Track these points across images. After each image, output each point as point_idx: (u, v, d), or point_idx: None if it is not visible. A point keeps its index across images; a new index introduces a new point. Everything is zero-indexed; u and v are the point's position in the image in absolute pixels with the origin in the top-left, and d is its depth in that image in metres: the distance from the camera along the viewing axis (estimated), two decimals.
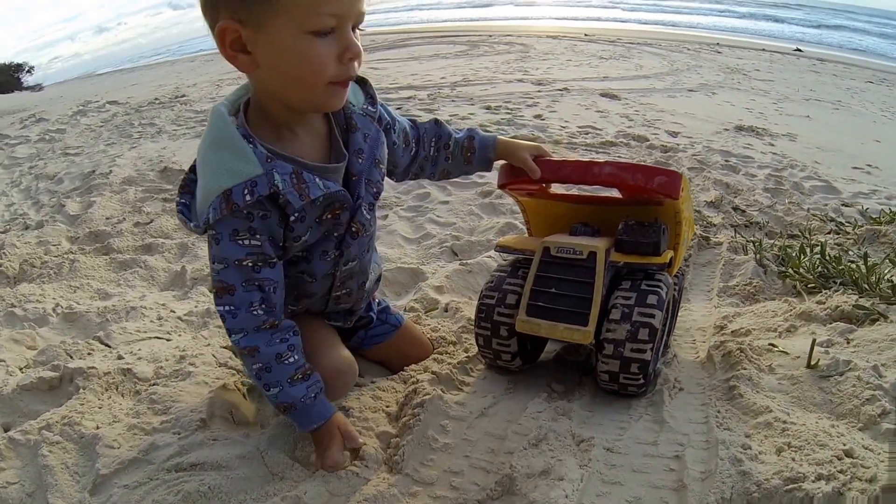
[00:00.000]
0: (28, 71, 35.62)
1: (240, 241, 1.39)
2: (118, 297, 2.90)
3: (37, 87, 25.87)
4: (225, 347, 2.32)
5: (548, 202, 2.09)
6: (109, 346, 2.36)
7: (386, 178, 1.70)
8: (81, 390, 1.95)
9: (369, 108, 1.61)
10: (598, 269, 1.68)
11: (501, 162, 1.97)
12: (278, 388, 1.52)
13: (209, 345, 2.35)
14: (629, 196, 1.92)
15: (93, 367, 2.05)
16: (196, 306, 2.75)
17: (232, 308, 1.44)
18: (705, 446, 1.55)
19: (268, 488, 1.52)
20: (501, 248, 1.95)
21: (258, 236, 1.40)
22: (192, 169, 1.49)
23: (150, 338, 2.45)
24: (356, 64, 1.39)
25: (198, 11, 1.34)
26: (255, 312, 1.46)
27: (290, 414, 1.58)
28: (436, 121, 1.91)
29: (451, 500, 1.47)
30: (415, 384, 1.88)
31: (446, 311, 2.53)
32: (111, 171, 5.32)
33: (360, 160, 1.55)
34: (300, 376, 1.54)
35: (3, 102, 14.54)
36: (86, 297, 2.94)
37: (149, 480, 1.54)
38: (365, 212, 1.57)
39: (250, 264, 1.42)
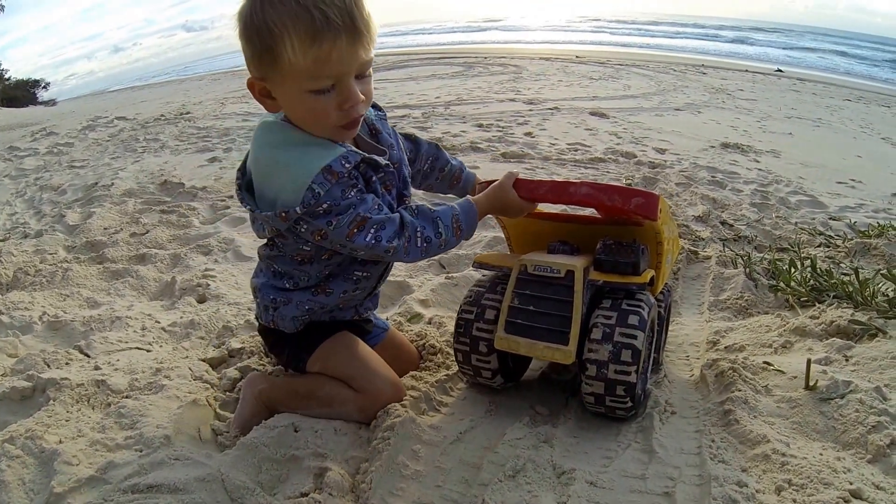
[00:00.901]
0: (44, 87, 35.62)
1: (348, 194, 1.50)
2: (106, 305, 2.76)
3: (51, 102, 25.79)
4: (203, 360, 2.18)
5: (528, 220, 1.98)
6: (88, 356, 2.22)
7: None
8: (51, 401, 1.82)
9: (379, 113, 1.83)
10: (577, 288, 1.60)
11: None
12: (440, 227, 1.61)
13: (187, 357, 2.22)
14: (607, 216, 1.85)
15: (66, 378, 1.92)
16: (181, 317, 2.60)
17: (374, 229, 1.52)
18: (698, 482, 1.37)
19: None
20: (479, 265, 1.86)
21: (359, 185, 1.54)
22: (240, 187, 1.65)
23: (130, 348, 2.31)
24: (360, 107, 1.51)
25: (208, 34, 1.57)
26: (391, 217, 1.56)
27: (464, 230, 1.66)
28: (436, 145, 2.07)
29: None
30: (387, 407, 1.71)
31: (429, 324, 2.39)
32: (113, 184, 5.23)
33: (394, 150, 1.76)
34: (432, 206, 1.64)
35: (17, 116, 14.46)
36: (74, 305, 2.80)
37: (103, 502, 1.39)
38: (411, 185, 1.83)
39: (365, 198, 1.53)
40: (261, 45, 1.41)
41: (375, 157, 1.58)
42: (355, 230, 1.50)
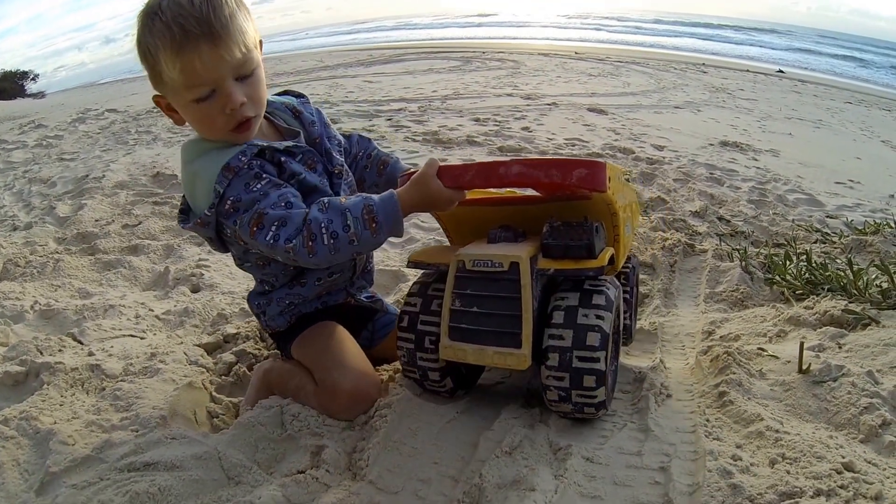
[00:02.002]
0: (33, 79, 35.24)
1: (253, 188, 1.55)
2: (98, 296, 2.78)
3: (39, 95, 25.57)
4: (197, 346, 2.20)
5: (461, 208, 1.67)
6: (82, 343, 2.24)
7: None
8: (45, 386, 1.85)
9: (303, 99, 1.91)
10: (524, 282, 1.43)
11: None
12: (349, 219, 1.51)
13: (182, 343, 2.25)
14: (549, 194, 1.68)
15: (60, 363, 1.95)
16: (175, 305, 2.63)
17: (274, 227, 1.51)
18: (693, 457, 1.40)
19: (221, 492, 1.38)
20: (414, 264, 1.72)
21: (264, 175, 1.58)
22: (183, 210, 1.72)
23: (124, 335, 2.33)
24: (245, 109, 1.57)
25: None
26: (292, 214, 1.52)
27: (381, 223, 1.53)
28: (368, 138, 2.11)
29: None
30: (385, 384, 1.74)
31: None
32: (104, 176, 5.23)
33: (315, 127, 1.82)
34: (345, 198, 1.56)
35: (4, 109, 14.41)
36: (66, 295, 2.82)
37: (99, 480, 1.41)
38: (337, 155, 1.83)
39: (269, 192, 1.56)
40: (148, 66, 1.53)
41: (274, 144, 1.64)
42: (255, 228, 1.52)
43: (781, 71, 20.51)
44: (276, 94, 1.91)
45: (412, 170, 1.76)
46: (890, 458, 1.35)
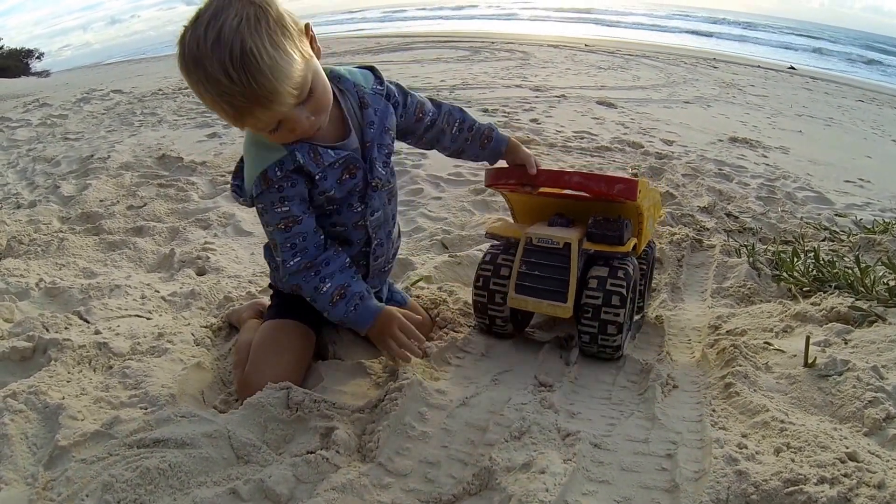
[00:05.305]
0: (38, 57, 35.02)
1: (276, 210, 1.75)
2: (103, 275, 2.80)
3: (44, 74, 25.42)
4: (204, 327, 2.23)
5: (529, 196, 2.27)
6: (88, 322, 2.25)
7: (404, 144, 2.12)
8: (53, 362, 1.86)
9: (377, 87, 1.90)
10: (573, 257, 1.92)
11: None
12: (326, 312, 1.83)
13: (189, 324, 2.26)
14: (596, 197, 2.11)
15: (68, 340, 1.96)
16: (181, 287, 2.64)
17: (281, 258, 1.79)
18: (699, 445, 1.44)
19: (231, 471, 1.40)
20: (491, 236, 2.16)
21: (286, 203, 1.74)
22: (242, 159, 1.86)
23: (130, 315, 2.34)
24: (316, 122, 1.64)
25: None
26: (292, 262, 1.79)
27: (347, 324, 1.84)
28: (461, 108, 2.16)
29: (424, 494, 1.36)
30: (395, 368, 1.77)
31: (440, 290, 2.47)
32: (109, 157, 5.25)
33: (372, 129, 1.84)
34: (337, 297, 1.80)
35: (8, 87, 14.40)
36: (71, 274, 2.84)
37: (108, 455, 1.43)
38: (380, 168, 1.87)
39: (283, 227, 1.76)
40: None
41: (309, 167, 1.71)
42: (273, 248, 1.85)
43: (793, 67, 20.44)
44: (359, 67, 1.93)
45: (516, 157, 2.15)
46: (893, 451, 1.39)
